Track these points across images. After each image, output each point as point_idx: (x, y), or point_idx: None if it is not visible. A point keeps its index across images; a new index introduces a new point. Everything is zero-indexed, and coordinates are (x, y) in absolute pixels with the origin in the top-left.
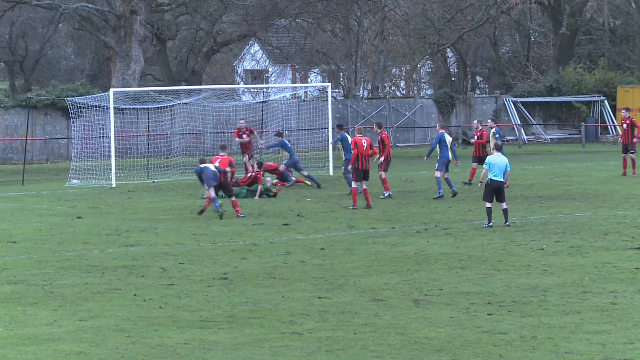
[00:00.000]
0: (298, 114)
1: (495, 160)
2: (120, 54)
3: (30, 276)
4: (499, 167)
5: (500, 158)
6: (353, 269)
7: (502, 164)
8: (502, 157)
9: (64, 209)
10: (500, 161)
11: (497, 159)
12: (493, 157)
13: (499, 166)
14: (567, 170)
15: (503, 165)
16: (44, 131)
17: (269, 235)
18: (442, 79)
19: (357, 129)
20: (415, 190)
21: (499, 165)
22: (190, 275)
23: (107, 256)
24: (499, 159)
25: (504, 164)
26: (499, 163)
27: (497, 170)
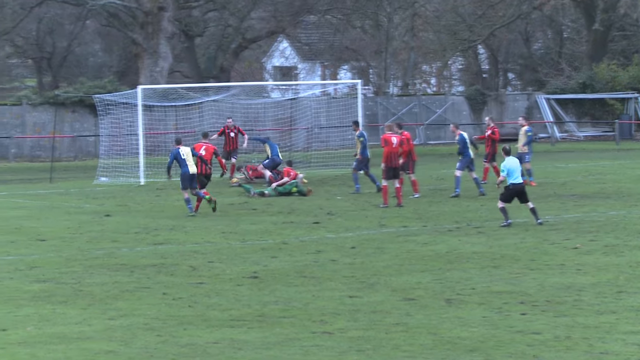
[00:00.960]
0: (327, 111)
1: (510, 164)
2: (147, 50)
3: (59, 274)
4: (516, 170)
5: (514, 161)
6: (384, 267)
7: (518, 166)
8: (515, 160)
9: (92, 207)
10: (516, 164)
11: (511, 162)
12: (508, 162)
13: (516, 169)
14: (601, 168)
15: (518, 167)
16: (71, 128)
17: (299, 234)
18: (473, 76)
19: (386, 125)
20: (446, 188)
21: (515, 168)
22: (220, 274)
23: (136, 254)
24: (514, 162)
25: (518, 165)
26: (515, 166)
27: (515, 173)
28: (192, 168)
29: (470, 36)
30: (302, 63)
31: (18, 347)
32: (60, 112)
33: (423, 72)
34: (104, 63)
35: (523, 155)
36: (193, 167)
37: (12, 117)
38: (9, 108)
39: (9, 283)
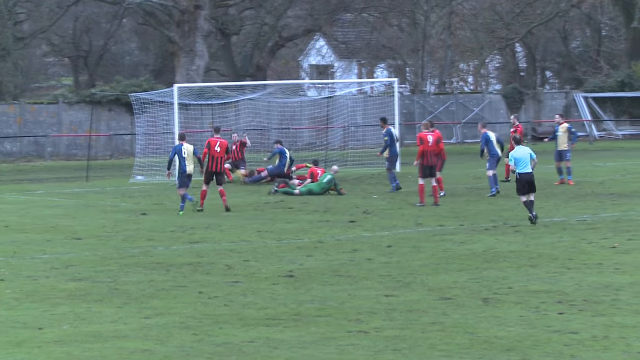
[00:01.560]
0: (364, 110)
1: (518, 153)
2: (184, 48)
3: (95, 273)
4: (523, 160)
5: (523, 150)
6: (420, 266)
7: (526, 155)
8: (525, 149)
9: (127, 205)
10: (524, 153)
11: (520, 152)
12: (515, 151)
13: (523, 159)
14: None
15: (527, 156)
16: (107, 127)
17: (334, 232)
18: (511, 74)
19: (423, 124)
20: (483, 186)
21: (523, 157)
22: (255, 273)
23: (172, 253)
24: (522, 151)
25: (528, 154)
26: (523, 155)
27: (522, 163)
28: (190, 167)
29: (507, 34)
30: (339, 61)
31: (54, 345)
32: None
33: (460, 70)
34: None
35: (564, 153)
36: (191, 166)
37: (49, 116)
38: (46, 107)
39: (45, 282)
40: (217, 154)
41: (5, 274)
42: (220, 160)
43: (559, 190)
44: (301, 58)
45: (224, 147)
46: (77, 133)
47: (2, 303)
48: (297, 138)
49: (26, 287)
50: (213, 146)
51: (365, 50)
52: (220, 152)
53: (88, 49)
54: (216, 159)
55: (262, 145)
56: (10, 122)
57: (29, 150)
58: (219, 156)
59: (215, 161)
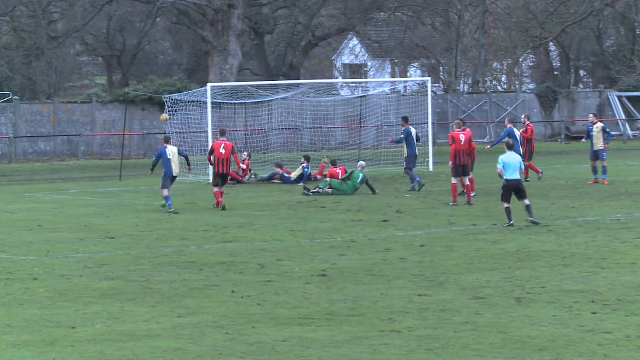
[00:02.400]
0: (397, 109)
1: (508, 159)
2: (217, 48)
3: (128, 272)
4: (513, 167)
5: (514, 157)
6: (453, 266)
7: (516, 162)
8: (516, 156)
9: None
10: (515, 160)
11: (510, 158)
12: (506, 156)
13: (513, 165)
14: None
15: (517, 163)
16: (141, 126)
17: (367, 232)
18: (545, 73)
19: (455, 123)
20: None
21: (513, 164)
22: (288, 272)
23: (205, 252)
24: (513, 158)
25: (518, 162)
26: (513, 162)
27: (511, 169)
28: (176, 169)
29: (541, 33)
30: (372, 61)
31: (87, 344)
32: (130, 110)
33: (494, 69)
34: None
35: (600, 152)
36: (177, 168)
37: (82, 115)
38: (79, 106)
39: (78, 281)
40: (223, 156)
41: (38, 273)
42: (227, 162)
43: (592, 190)
44: (334, 57)
45: (229, 148)
46: (110, 132)
47: (35, 302)
48: (330, 137)
49: (59, 286)
50: (217, 149)
51: (398, 50)
52: (225, 154)
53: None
54: (222, 161)
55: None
56: (44, 121)
57: (63, 149)
58: (225, 158)
59: (222, 163)
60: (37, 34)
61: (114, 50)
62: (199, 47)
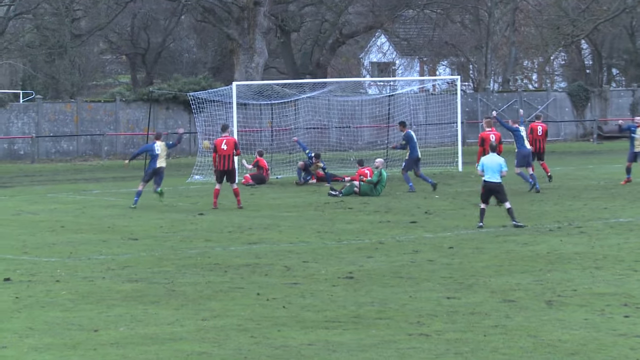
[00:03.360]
0: (426, 108)
1: (488, 160)
2: (243, 46)
3: (151, 274)
4: (492, 168)
5: (494, 158)
6: (483, 268)
7: (495, 164)
8: (497, 158)
9: (185, 205)
10: (494, 161)
11: (490, 159)
12: (486, 157)
13: (492, 167)
14: None
15: (497, 165)
16: (165, 125)
17: (395, 233)
18: (576, 71)
19: (485, 121)
20: (547, 187)
21: (492, 166)
22: (315, 274)
23: (230, 254)
24: (492, 160)
25: (498, 164)
26: (492, 164)
27: (490, 171)
28: (160, 163)
29: (573, 31)
30: (400, 59)
31: (110, 347)
32: (154, 109)
33: (524, 67)
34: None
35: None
36: (162, 163)
37: (106, 114)
38: (103, 105)
39: (101, 283)
40: (224, 152)
41: (61, 275)
42: (229, 157)
43: (625, 191)
44: (362, 55)
45: (231, 144)
46: (134, 132)
47: (57, 304)
48: (358, 137)
49: (82, 288)
50: (219, 145)
51: (427, 47)
52: (227, 149)
53: (146, 47)
54: (224, 157)
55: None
56: (67, 120)
57: (86, 149)
58: (226, 154)
59: (223, 159)
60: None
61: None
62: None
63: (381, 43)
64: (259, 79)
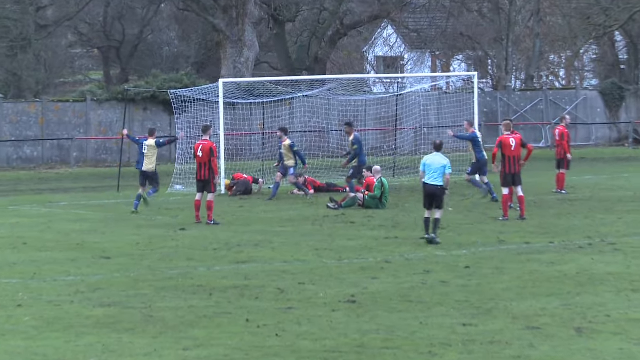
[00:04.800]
0: (438, 108)
1: (430, 160)
2: (231, 38)
3: (126, 297)
4: (434, 169)
5: (437, 158)
6: (503, 290)
7: (437, 165)
8: (439, 158)
9: (164, 219)
10: (437, 162)
11: (432, 159)
12: (429, 156)
13: (434, 168)
14: None
15: (439, 166)
16: (142, 128)
17: (404, 251)
18: (609, 67)
19: (504, 124)
20: (577, 198)
21: (434, 166)
22: (312, 298)
23: (215, 274)
24: (434, 159)
25: (441, 166)
26: (435, 164)
27: (431, 172)
28: (147, 165)
29: (605, 21)
30: (410, 52)
31: None
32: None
33: (550, 62)
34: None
35: None
36: (149, 165)
37: (75, 116)
38: (71, 105)
39: (68, 308)
40: (199, 159)
41: (23, 299)
42: (204, 166)
43: None
44: (366, 49)
45: (206, 150)
46: (107, 136)
47: (19, 332)
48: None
49: (47, 313)
50: (195, 151)
51: (440, 40)
52: (202, 157)
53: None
54: (199, 165)
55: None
56: (30, 122)
57: (52, 155)
58: (201, 161)
59: (199, 168)
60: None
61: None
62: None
63: (388, 35)
64: (249, 76)
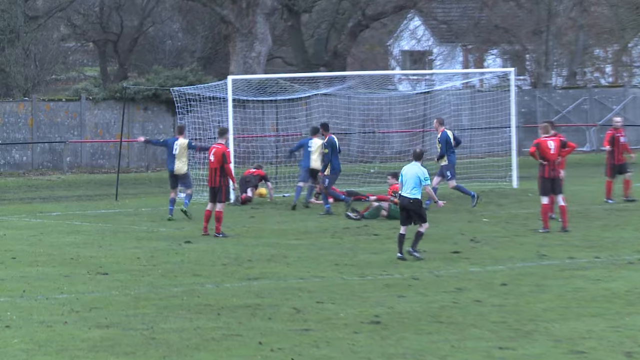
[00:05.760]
0: (471, 108)
1: (405, 170)
2: (240, 30)
3: (126, 317)
4: (409, 180)
5: (412, 168)
6: (544, 310)
7: (414, 175)
8: (416, 168)
9: (168, 231)
10: (413, 172)
11: (408, 169)
12: (406, 167)
13: (410, 179)
14: None
15: (415, 176)
16: (143, 130)
17: (433, 266)
18: None
19: (542, 126)
20: (626, 208)
21: (409, 177)
22: (332, 318)
23: (224, 292)
24: (410, 170)
25: (415, 177)
26: (409, 175)
27: (407, 183)
28: (179, 165)
29: None
30: (439, 46)
31: None
32: (130, 110)
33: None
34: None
35: None
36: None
37: (68, 117)
38: (65, 105)
39: (61, 329)
40: (211, 164)
41: (12, 319)
42: (216, 172)
43: None
44: (390, 42)
45: (218, 155)
46: (104, 138)
47: (8, 356)
48: (385, 145)
49: (38, 335)
50: (209, 155)
51: (473, 32)
52: (213, 161)
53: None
54: (211, 172)
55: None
56: (19, 124)
57: (43, 160)
58: (213, 167)
59: (210, 174)
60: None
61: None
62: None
63: (415, 27)
64: (260, 72)
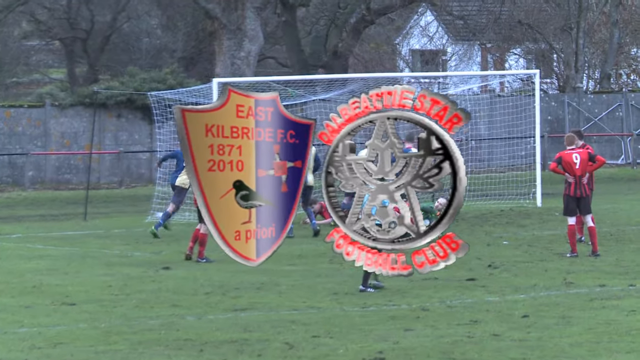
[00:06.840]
0: (490, 114)
1: None
2: (228, 27)
3: (95, 354)
4: None
5: None
6: (571, 346)
7: None
8: None
9: (143, 256)
10: None
11: None
12: None
13: None
14: None
15: None
16: (115, 140)
17: (445, 295)
18: None
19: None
20: None
21: None
22: (329, 354)
23: (207, 325)
24: None
25: None
26: None
27: None
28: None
29: None
30: (454, 45)
31: None
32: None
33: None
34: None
35: None
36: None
37: (31, 125)
38: (27, 111)
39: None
40: None
41: None
42: None
43: None
44: (399, 40)
45: None
46: (71, 149)
47: None
48: None
49: None
50: None
51: (492, 29)
52: None
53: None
54: None
55: None
56: None
57: (2, 175)
58: None
59: None
60: None
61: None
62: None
63: (426, 23)
64: (250, 74)
